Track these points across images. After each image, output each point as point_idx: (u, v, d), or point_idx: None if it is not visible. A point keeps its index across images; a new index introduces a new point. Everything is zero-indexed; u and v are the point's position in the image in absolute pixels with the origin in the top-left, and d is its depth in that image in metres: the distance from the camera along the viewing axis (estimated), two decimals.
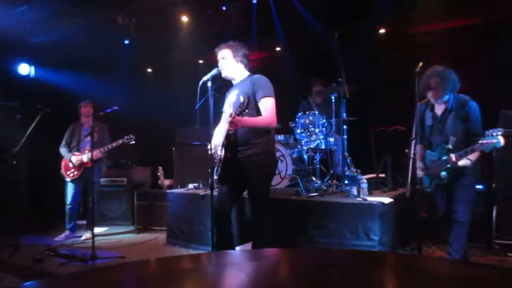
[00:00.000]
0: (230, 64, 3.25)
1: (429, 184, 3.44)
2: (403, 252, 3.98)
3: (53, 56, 6.55)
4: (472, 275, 1.48)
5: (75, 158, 5.17)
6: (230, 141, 3.12)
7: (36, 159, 5.82)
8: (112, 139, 5.25)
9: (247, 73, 3.32)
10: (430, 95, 3.32)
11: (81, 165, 5.18)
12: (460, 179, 3.23)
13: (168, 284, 1.38)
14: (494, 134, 2.86)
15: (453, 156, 3.13)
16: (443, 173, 3.23)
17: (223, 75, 3.26)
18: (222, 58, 3.25)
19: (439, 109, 3.36)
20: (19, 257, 4.20)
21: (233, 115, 2.83)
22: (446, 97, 3.28)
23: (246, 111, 2.95)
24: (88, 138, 4.93)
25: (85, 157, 5.14)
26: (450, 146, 3.17)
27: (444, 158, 3.22)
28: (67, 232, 5.27)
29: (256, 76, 3.22)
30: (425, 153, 3.47)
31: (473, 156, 3.09)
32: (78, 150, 5.27)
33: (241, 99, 3.02)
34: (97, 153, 5.00)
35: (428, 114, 3.43)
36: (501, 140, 2.85)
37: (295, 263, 1.69)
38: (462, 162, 3.10)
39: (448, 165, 3.17)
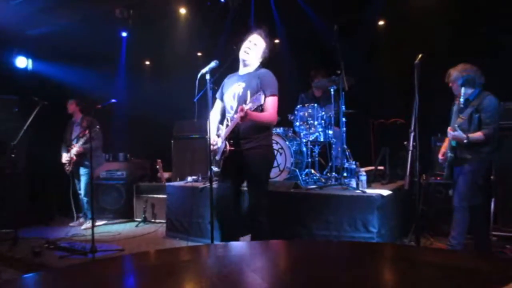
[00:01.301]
0: (257, 54, 3.26)
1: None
2: (401, 244, 3.99)
3: (50, 49, 6.52)
4: (468, 265, 1.48)
5: (64, 155, 5.43)
6: (232, 134, 3.13)
7: (34, 152, 5.82)
8: (111, 132, 5.28)
9: (256, 67, 3.31)
10: None
11: (69, 161, 5.39)
12: (461, 167, 3.39)
13: (167, 276, 1.38)
14: None
15: (449, 128, 3.34)
16: (448, 150, 3.47)
17: (243, 57, 3.24)
18: (255, 44, 3.26)
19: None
20: (18, 250, 4.22)
21: (245, 109, 2.82)
22: (464, 91, 3.40)
23: (261, 108, 2.97)
24: (78, 134, 5.33)
25: (71, 152, 5.35)
26: (455, 126, 3.31)
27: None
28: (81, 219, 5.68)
29: (263, 71, 3.21)
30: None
31: (475, 135, 3.24)
32: (70, 146, 5.45)
33: (249, 96, 3.03)
34: (79, 149, 5.25)
35: (455, 107, 3.63)
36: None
37: (294, 254, 1.70)
38: (456, 133, 3.26)
39: (453, 143, 3.36)
